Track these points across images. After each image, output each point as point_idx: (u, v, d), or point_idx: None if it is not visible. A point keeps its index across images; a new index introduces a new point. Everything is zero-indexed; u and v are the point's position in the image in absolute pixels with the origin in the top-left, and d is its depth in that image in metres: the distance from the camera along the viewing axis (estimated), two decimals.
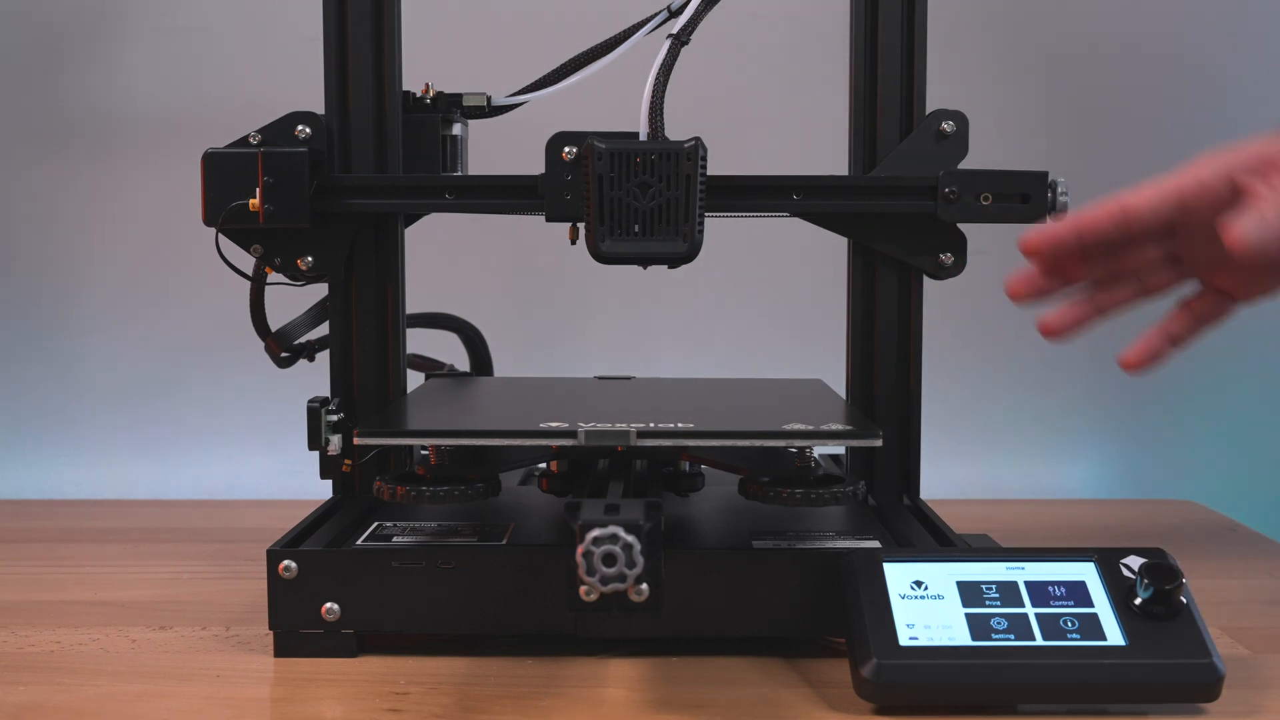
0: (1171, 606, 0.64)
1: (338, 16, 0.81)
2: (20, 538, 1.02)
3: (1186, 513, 1.12)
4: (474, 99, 0.86)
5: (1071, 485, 1.24)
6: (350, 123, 0.82)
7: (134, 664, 0.71)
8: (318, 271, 0.82)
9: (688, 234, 0.75)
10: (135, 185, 1.20)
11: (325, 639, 0.71)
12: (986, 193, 0.79)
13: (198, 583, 0.88)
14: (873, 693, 0.63)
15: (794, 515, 0.79)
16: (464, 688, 0.67)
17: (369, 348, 0.84)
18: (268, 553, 0.70)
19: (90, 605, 0.82)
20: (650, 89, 0.76)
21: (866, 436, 0.71)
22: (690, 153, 0.74)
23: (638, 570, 0.59)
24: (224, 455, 1.22)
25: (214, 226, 0.78)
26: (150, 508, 1.14)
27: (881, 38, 0.82)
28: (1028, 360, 1.24)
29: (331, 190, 0.80)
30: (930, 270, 0.83)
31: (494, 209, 0.81)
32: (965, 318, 1.20)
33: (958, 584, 0.66)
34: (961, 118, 0.81)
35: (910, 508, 0.83)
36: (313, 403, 0.78)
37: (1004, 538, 0.86)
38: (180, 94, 1.19)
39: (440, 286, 1.06)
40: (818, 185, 0.80)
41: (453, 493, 0.71)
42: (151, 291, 1.21)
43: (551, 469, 0.81)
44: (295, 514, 0.79)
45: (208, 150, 0.79)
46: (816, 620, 0.70)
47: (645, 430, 0.69)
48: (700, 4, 0.78)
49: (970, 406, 1.22)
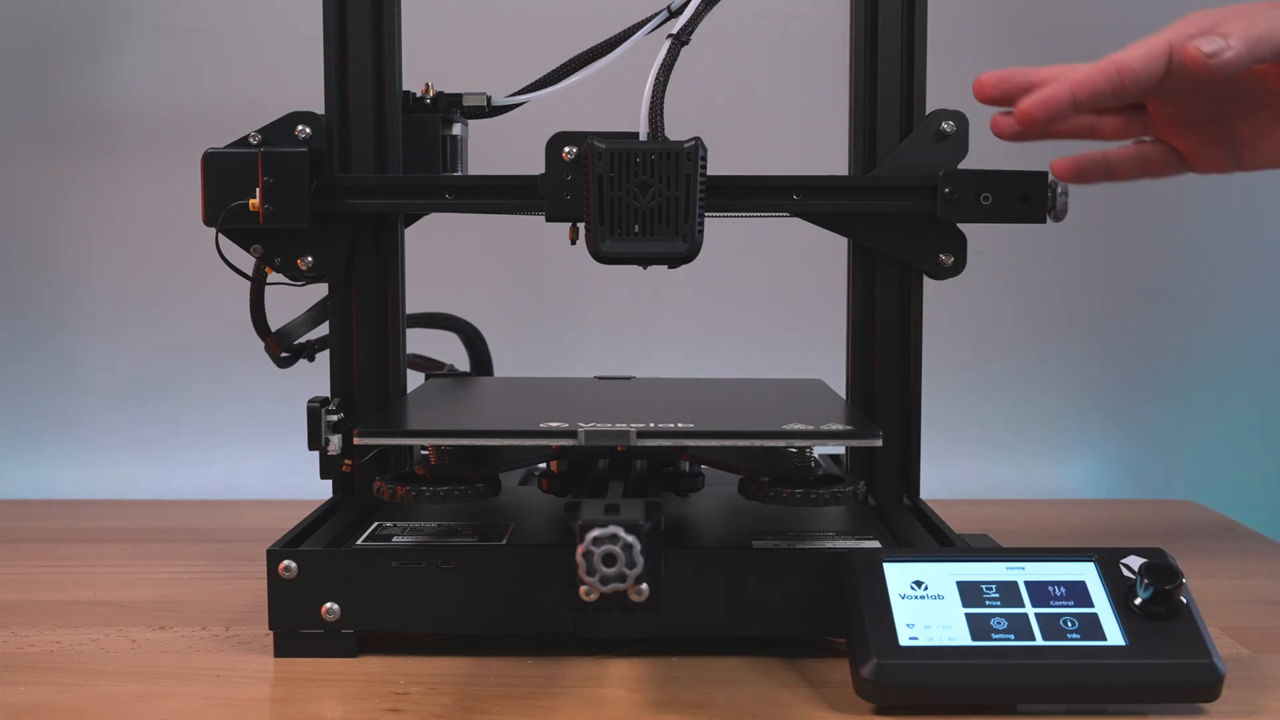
0: (1171, 606, 0.64)
1: (338, 16, 0.81)
2: (20, 538, 1.02)
3: (1186, 513, 1.12)
4: (474, 99, 0.86)
5: (1071, 485, 1.24)
6: (350, 123, 0.82)
7: (134, 664, 0.71)
8: (318, 271, 0.82)
9: (688, 234, 0.75)
10: (135, 185, 1.20)
11: (325, 639, 0.71)
12: (986, 193, 0.79)
13: (198, 583, 0.88)
14: (873, 693, 0.63)
15: (794, 515, 0.79)
16: (464, 688, 0.67)
17: (369, 348, 0.84)
18: (268, 553, 0.70)
19: (90, 605, 0.82)
20: (650, 89, 0.76)
21: (866, 436, 0.71)
22: (690, 153, 0.74)
23: (638, 570, 0.59)
24: (224, 455, 1.22)
25: (214, 226, 0.78)
26: (150, 508, 1.14)
27: (881, 38, 0.82)
28: (1028, 360, 1.24)
29: (331, 190, 0.80)
30: (930, 270, 0.82)
31: (494, 209, 0.81)
32: (965, 318, 1.20)
33: (958, 584, 0.66)
34: (961, 118, 0.81)
35: (910, 508, 0.83)
36: (313, 403, 0.78)
37: (1004, 538, 0.86)
38: (180, 94, 1.19)
39: (440, 286, 1.06)
40: (818, 185, 0.80)
41: (453, 493, 0.71)
42: (151, 291, 1.21)
43: (551, 469, 0.81)
44: (295, 514, 0.79)
45: (208, 150, 0.79)
46: (816, 620, 0.70)
47: (645, 430, 0.69)
48: (700, 4, 0.78)
49: (970, 406, 1.22)
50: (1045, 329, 1.24)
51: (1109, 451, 1.25)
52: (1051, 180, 0.80)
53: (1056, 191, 0.80)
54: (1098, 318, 1.24)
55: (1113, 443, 1.25)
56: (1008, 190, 0.80)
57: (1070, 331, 1.24)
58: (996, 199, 0.80)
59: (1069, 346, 1.24)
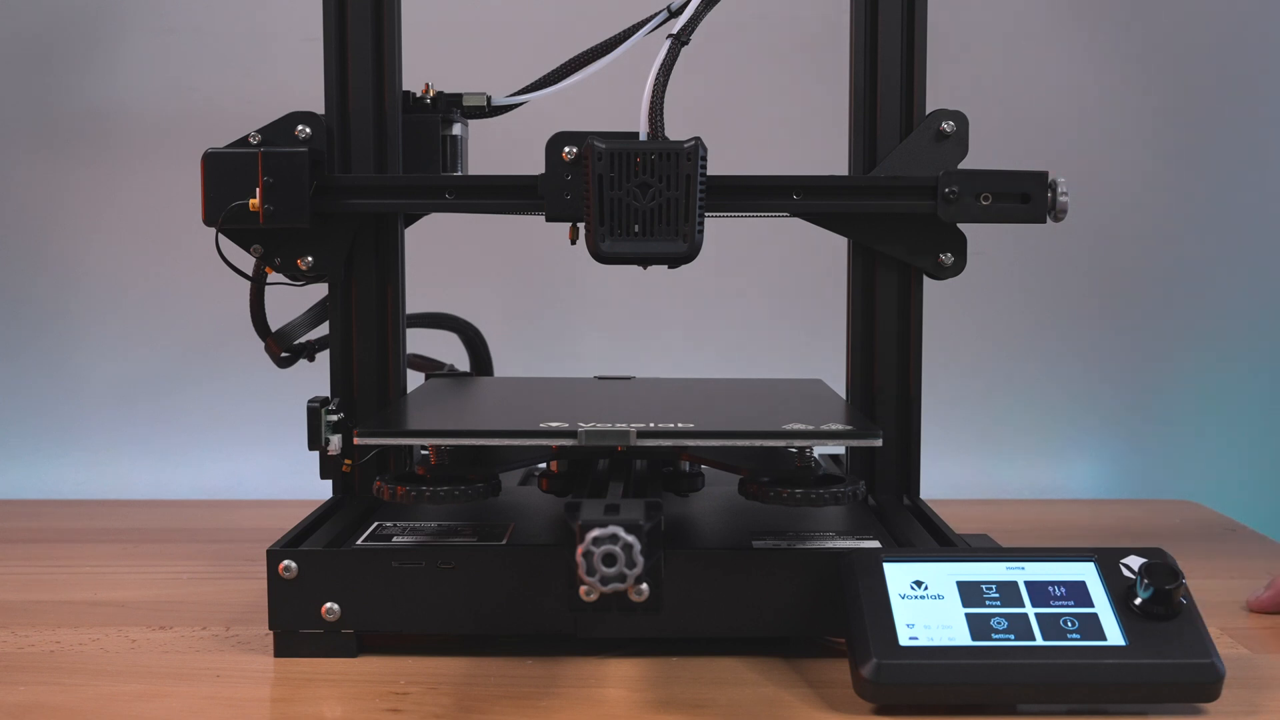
0: (1171, 606, 0.64)
1: (338, 16, 0.81)
2: (20, 538, 1.02)
3: (1186, 513, 1.12)
4: (474, 99, 0.86)
5: (1071, 485, 1.24)
6: (350, 123, 0.82)
7: (134, 664, 0.71)
8: (318, 271, 0.82)
9: (688, 234, 0.75)
10: (135, 185, 1.20)
11: (325, 639, 0.71)
12: (986, 193, 0.79)
13: (198, 583, 0.88)
14: (873, 693, 0.63)
15: (794, 515, 0.79)
16: (464, 688, 0.67)
17: (369, 348, 0.84)
18: (268, 553, 0.70)
19: (90, 605, 0.82)
20: (650, 89, 0.76)
21: (866, 436, 0.71)
22: (690, 153, 0.74)
23: (638, 570, 0.59)
24: (224, 455, 1.22)
25: (214, 226, 0.78)
26: (150, 508, 1.14)
27: (881, 38, 0.82)
28: (1028, 360, 1.24)
29: (331, 190, 0.80)
30: (930, 270, 0.82)
31: (494, 209, 0.81)
32: (965, 318, 1.20)
33: (958, 584, 0.66)
34: (961, 118, 0.81)
35: (910, 508, 0.83)
36: (313, 403, 0.78)
37: (1004, 538, 0.86)
38: (180, 94, 1.19)
39: (440, 286, 1.06)
40: (818, 185, 0.80)
41: (453, 493, 0.71)
42: (151, 291, 1.21)
43: (551, 469, 0.81)
44: (295, 514, 0.79)
45: (208, 150, 0.79)
46: (816, 620, 0.70)
47: (645, 430, 0.69)
48: (700, 4, 0.78)
49: (970, 406, 1.22)
50: (1045, 329, 1.24)
51: (1109, 451, 1.25)
52: (1051, 180, 0.80)
53: (1056, 191, 0.80)
54: (1098, 318, 1.24)
55: (1113, 443, 1.25)
56: (1008, 190, 0.80)
57: (1070, 331, 1.24)
58: (996, 199, 0.80)
59: (1069, 346, 1.24)
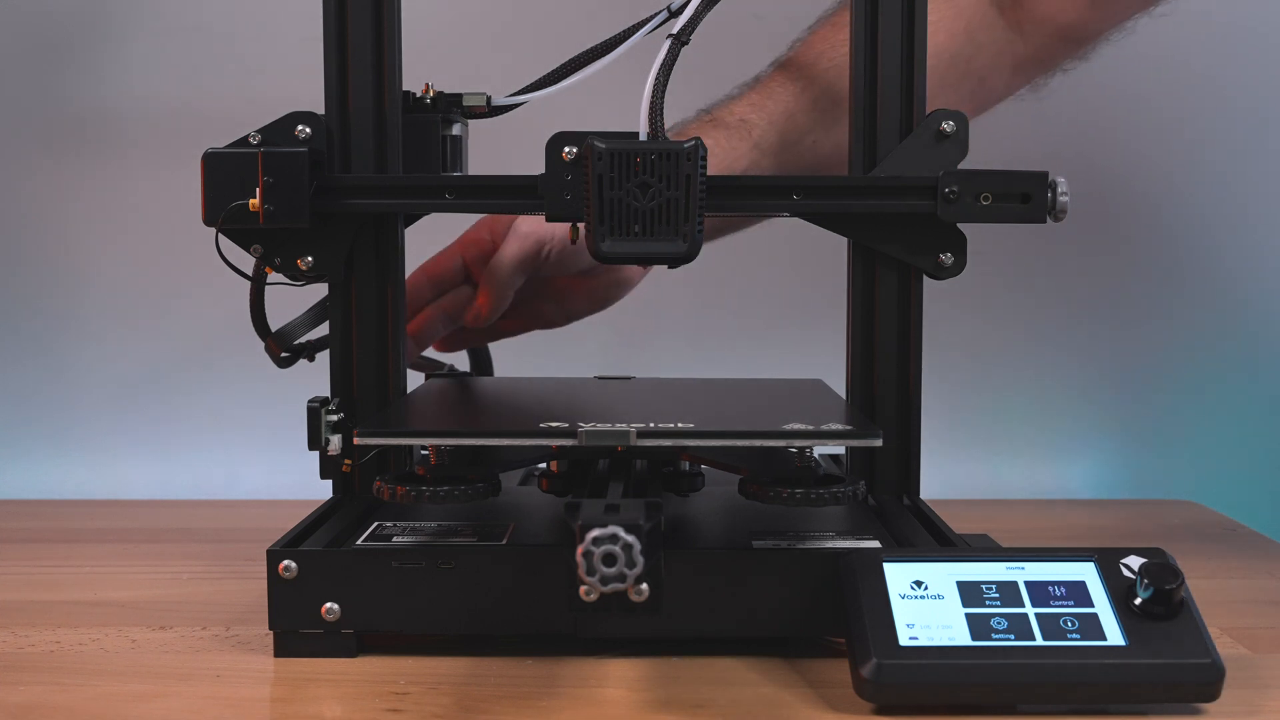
0: (1171, 606, 0.64)
1: (338, 16, 0.81)
2: (20, 538, 1.02)
3: (1186, 513, 1.12)
4: (474, 99, 0.86)
5: (1071, 485, 1.24)
6: (350, 123, 0.82)
7: (134, 664, 0.71)
8: (318, 271, 0.82)
9: (688, 234, 0.75)
10: (134, 185, 1.20)
11: (325, 639, 0.71)
12: (986, 193, 0.79)
13: (198, 583, 0.88)
14: (873, 693, 0.63)
15: (794, 515, 0.79)
16: (464, 688, 0.67)
17: (369, 348, 0.84)
18: (268, 553, 0.70)
19: (90, 605, 0.82)
20: (650, 89, 0.76)
21: (866, 436, 0.71)
22: (690, 153, 0.74)
23: (638, 570, 0.59)
24: (224, 455, 1.22)
25: (214, 226, 0.78)
26: (150, 508, 1.14)
27: (882, 38, 0.82)
28: (1028, 360, 1.24)
29: (331, 190, 0.80)
30: (930, 270, 0.82)
31: (494, 209, 0.81)
32: (965, 318, 1.20)
33: (958, 584, 0.66)
34: (961, 118, 0.80)
35: (910, 508, 0.83)
36: (313, 403, 0.78)
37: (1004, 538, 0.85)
38: (180, 94, 1.19)
39: None
40: (818, 185, 0.80)
41: (453, 493, 0.71)
42: (151, 291, 1.21)
43: (551, 469, 0.81)
44: (295, 514, 0.79)
45: (208, 150, 0.79)
46: (816, 620, 0.70)
47: (645, 430, 0.68)
48: (700, 4, 0.78)
49: (970, 406, 1.22)
50: (1045, 329, 1.24)
51: (1109, 451, 1.25)
52: (1051, 180, 0.80)
53: (1057, 191, 0.79)
54: (1098, 317, 1.24)
55: (1113, 443, 1.25)
56: (1008, 190, 0.79)
57: (1070, 331, 1.24)
58: (996, 199, 0.79)
59: (1069, 346, 1.24)
